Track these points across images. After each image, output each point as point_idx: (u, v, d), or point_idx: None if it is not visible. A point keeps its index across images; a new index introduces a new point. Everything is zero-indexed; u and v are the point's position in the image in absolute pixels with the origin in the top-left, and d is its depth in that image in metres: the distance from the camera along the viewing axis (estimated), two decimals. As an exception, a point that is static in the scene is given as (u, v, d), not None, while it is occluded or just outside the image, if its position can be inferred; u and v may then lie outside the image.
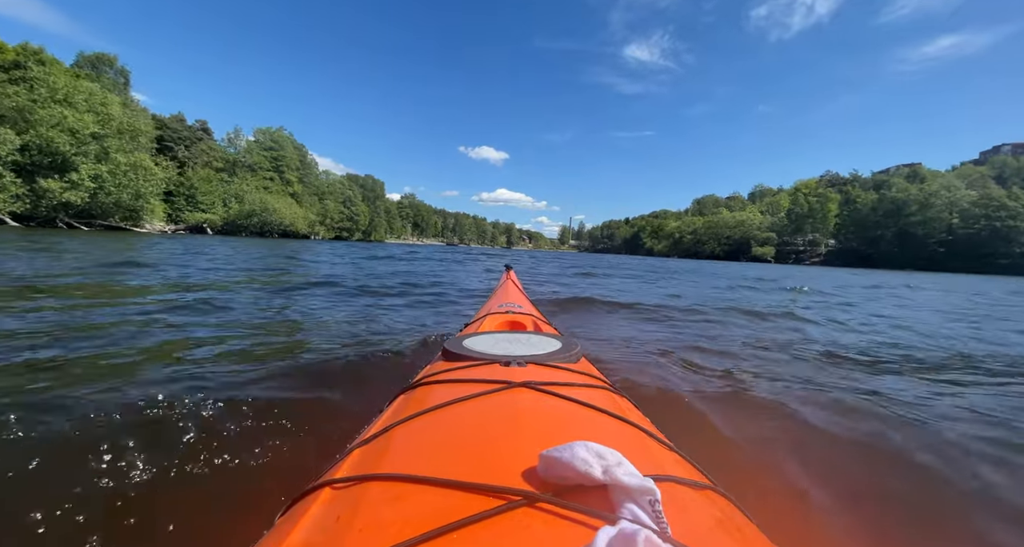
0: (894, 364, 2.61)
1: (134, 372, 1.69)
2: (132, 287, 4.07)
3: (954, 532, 1.04)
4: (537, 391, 0.72)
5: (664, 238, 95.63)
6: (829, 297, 7.37)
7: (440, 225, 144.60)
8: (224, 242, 19.51)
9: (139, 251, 9.30)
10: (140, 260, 6.86)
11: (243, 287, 4.56)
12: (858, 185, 66.02)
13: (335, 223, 65.59)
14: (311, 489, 0.52)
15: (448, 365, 0.92)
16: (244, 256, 10.08)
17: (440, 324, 3.25)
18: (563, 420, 0.64)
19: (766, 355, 2.71)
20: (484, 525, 0.38)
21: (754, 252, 69.76)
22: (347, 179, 78.74)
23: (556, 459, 0.43)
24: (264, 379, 1.67)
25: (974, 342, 3.54)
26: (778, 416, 1.60)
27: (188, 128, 49.38)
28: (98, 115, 26.71)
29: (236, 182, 45.12)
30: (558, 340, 1.11)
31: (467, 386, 0.76)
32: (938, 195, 51.77)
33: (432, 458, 0.52)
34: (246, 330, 2.59)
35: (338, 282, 5.57)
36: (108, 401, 1.37)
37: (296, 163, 56.30)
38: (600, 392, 0.80)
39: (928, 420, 1.60)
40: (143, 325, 2.49)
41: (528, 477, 0.45)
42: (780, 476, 1.24)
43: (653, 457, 0.58)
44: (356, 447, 0.61)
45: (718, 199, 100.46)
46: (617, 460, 0.42)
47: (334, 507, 0.46)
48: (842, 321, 4.44)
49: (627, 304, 4.83)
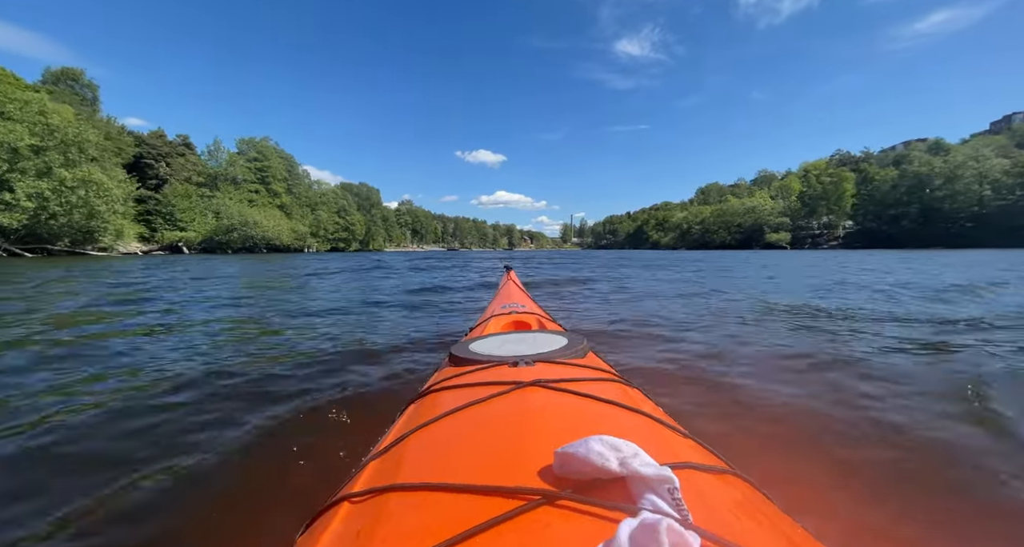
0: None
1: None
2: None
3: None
4: (548, 389, 0.71)
5: (670, 230, 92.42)
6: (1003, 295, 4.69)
7: (440, 230, 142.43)
8: (200, 262, 17.32)
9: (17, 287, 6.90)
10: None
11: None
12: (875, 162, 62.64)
13: (330, 234, 63.31)
14: (329, 505, 0.52)
15: (456, 370, 0.92)
16: (194, 286, 7.52)
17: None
18: (576, 416, 0.63)
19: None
20: (505, 527, 0.38)
21: (768, 239, 66.32)
22: (340, 188, 76.62)
23: (572, 455, 0.43)
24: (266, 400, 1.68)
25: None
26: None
27: (168, 144, 47.47)
28: (35, 126, 23.53)
29: (219, 197, 42.77)
30: (564, 337, 1.10)
31: (477, 389, 0.75)
32: (965, 166, 48.06)
33: (448, 464, 0.52)
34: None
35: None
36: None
37: (283, 173, 53.99)
38: (611, 385, 0.80)
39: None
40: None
41: (545, 475, 0.45)
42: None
43: (669, 445, 0.57)
44: (371, 459, 0.61)
45: (722, 187, 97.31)
46: (633, 451, 0.42)
47: (354, 521, 0.45)
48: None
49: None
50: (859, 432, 1.42)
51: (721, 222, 75.95)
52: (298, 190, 57.45)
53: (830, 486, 1.12)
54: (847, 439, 1.38)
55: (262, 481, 1.14)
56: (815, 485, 1.12)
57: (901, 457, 1.27)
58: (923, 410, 1.58)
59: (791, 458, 1.27)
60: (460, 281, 8.03)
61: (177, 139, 49.37)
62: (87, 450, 1.32)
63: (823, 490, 1.10)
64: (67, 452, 1.30)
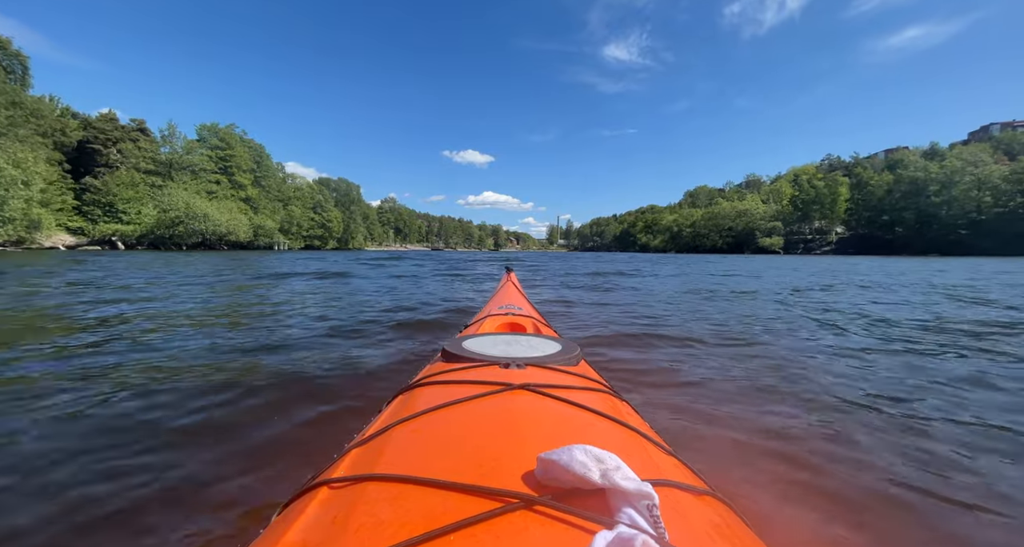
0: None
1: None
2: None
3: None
4: (536, 393, 0.71)
5: (660, 232, 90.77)
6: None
7: (424, 229, 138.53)
8: (115, 260, 13.86)
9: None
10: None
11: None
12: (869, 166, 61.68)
13: (304, 231, 59.06)
14: (308, 488, 0.51)
15: (447, 366, 0.91)
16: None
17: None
18: (561, 423, 0.62)
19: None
20: (481, 527, 0.38)
21: (760, 243, 65.00)
22: (317, 183, 72.26)
23: (554, 462, 0.42)
24: (250, 384, 1.66)
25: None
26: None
27: (120, 128, 42.82)
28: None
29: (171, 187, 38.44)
30: (558, 342, 1.09)
31: (466, 387, 0.75)
32: (963, 172, 47.17)
33: (429, 459, 0.52)
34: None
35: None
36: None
37: (249, 164, 49.67)
38: (599, 395, 0.79)
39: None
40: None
41: (526, 480, 0.45)
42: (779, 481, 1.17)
43: (652, 462, 0.57)
44: (354, 447, 0.61)
45: (711, 190, 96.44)
46: (615, 464, 0.41)
47: (331, 507, 0.45)
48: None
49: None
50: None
51: (712, 225, 74.47)
52: (268, 183, 53.14)
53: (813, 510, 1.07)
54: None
55: (241, 459, 1.12)
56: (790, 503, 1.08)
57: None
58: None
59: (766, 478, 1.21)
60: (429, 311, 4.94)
61: (131, 123, 44.75)
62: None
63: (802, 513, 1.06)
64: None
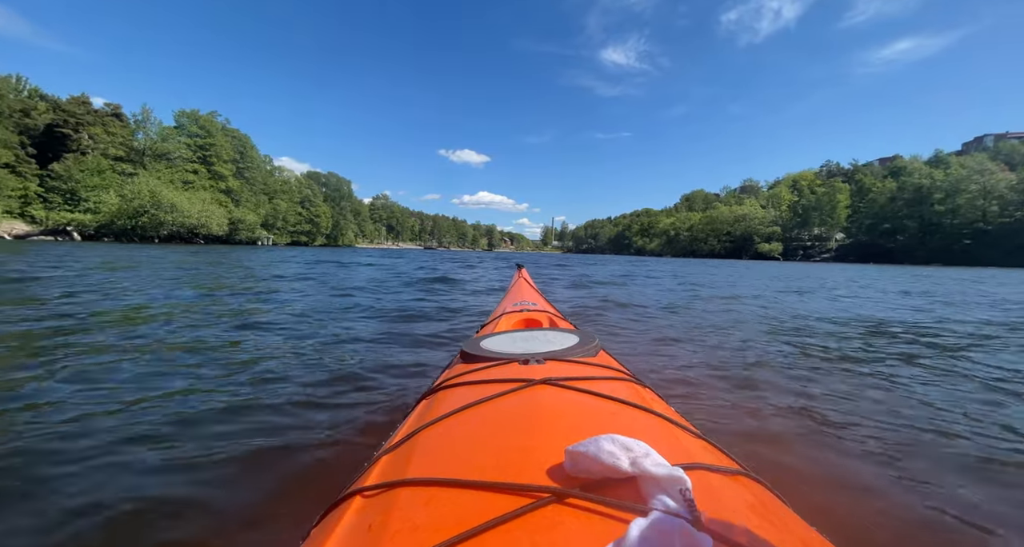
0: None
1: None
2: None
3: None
4: (558, 387, 0.71)
5: (656, 236, 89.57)
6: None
7: (417, 228, 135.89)
8: (43, 252, 11.86)
9: None
10: None
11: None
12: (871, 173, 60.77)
13: (291, 226, 56.57)
14: (342, 498, 0.52)
15: (467, 367, 0.91)
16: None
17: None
18: (586, 414, 0.62)
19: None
20: (515, 524, 0.38)
21: (759, 249, 63.86)
22: (306, 177, 69.67)
23: (582, 454, 0.42)
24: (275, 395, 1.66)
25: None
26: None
27: (93, 112, 40.21)
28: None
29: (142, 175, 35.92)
30: (575, 335, 1.08)
31: (488, 387, 0.74)
32: (969, 180, 46.24)
33: (458, 460, 0.52)
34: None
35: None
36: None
37: (231, 155, 47.17)
38: (622, 384, 0.79)
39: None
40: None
41: (555, 474, 0.45)
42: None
43: (681, 446, 0.56)
44: (383, 454, 0.61)
45: (707, 194, 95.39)
46: (644, 451, 0.41)
47: (366, 515, 0.45)
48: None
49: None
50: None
51: (710, 230, 73.22)
52: (252, 175, 50.65)
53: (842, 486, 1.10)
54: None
55: (277, 474, 1.14)
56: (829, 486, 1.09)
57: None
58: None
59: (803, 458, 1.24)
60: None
61: (105, 108, 42.18)
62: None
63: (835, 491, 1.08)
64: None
